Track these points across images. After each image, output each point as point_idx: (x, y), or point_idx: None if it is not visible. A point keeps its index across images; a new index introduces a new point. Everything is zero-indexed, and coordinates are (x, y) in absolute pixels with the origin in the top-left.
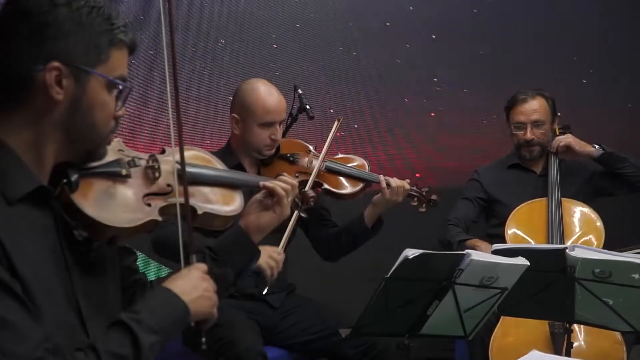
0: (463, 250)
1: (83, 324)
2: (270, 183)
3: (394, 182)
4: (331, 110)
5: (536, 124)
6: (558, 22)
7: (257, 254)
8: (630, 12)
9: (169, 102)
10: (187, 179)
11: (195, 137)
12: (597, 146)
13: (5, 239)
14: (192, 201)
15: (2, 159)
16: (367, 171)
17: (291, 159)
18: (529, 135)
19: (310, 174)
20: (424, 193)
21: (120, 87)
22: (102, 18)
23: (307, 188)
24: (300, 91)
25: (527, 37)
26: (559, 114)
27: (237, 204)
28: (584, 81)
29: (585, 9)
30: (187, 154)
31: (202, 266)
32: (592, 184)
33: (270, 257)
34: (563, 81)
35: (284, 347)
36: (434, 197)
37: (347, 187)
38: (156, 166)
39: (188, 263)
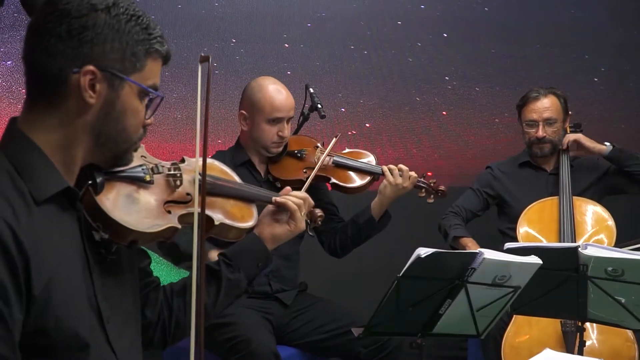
0: (456, 245)
1: (103, 325)
2: (281, 198)
3: (398, 166)
4: (342, 109)
5: (548, 121)
6: (569, 20)
7: (270, 260)
8: None
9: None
10: (206, 190)
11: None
12: (607, 144)
13: (28, 244)
14: (209, 212)
15: (32, 158)
16: (374, 164)
17: (299, 155)
18: (540, 133)
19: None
20: (431, 184)
21: (152, 95)
22: (141, 27)
23: (309, 180)
24: (311, 90)
25: (538, 36)
26: (570, 112)
27: (252, 218)
28: (595, 79)
29: (596, 7)
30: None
31: None
32: (605, 181)
33: None
34: (574, 79)
35: (296, 346)
36: (441, 187)
37: (355, 181)
38: (178, 174)
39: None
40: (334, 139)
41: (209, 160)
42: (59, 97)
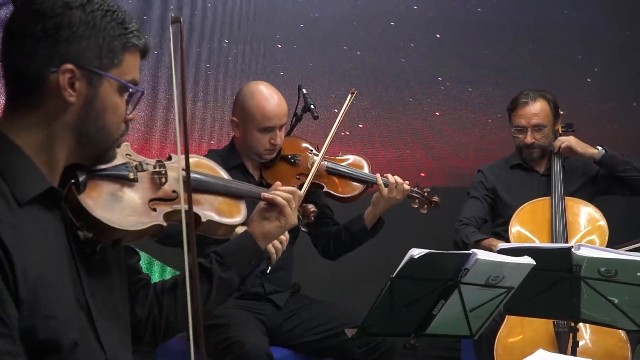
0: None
1: (93, 323)
2: (269, 194)
3: (391, 178)
4: (335, 110)
5: (536, 127)
6: (563, 20)
7: (263, 258)
8: (634, 11)
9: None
10: (192, 187)
11: (199, 138)
12: (599, 148)
13: (11, 245)
14: (196, 209)
15: (13, 160)
16: (367, 172)
17: (292, 160)
18: (528, 139)
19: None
20: (425, 194)
21: (132, 90)
22: (116, 22)
23: (304, 188)
24: (304, 91)
25: (531, 36)
26: (562, 112)
27: (241, 214)
28: (589, 80)
29: (590, 8)
30: (190, 161)
31: None
32: (596, 182)
33: None
34: (567, 80)
35: (289, 347)
36: (435, 198)
37: (348, 190)
38: (163, 172)
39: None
40: (350, 96)
41: (197, 158)
42: (38, 97)
